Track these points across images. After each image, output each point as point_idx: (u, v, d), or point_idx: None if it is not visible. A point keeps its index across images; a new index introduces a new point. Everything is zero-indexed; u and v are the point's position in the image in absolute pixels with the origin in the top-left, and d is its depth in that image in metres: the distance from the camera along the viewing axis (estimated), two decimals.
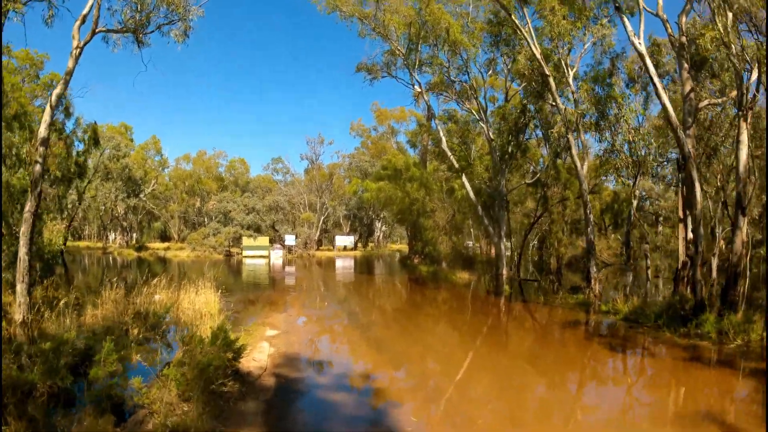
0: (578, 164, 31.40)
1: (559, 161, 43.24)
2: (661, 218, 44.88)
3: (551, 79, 31.57)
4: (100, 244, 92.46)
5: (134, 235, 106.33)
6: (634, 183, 30.12)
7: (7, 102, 35.14)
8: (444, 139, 43.84)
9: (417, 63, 43.12)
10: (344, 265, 65.21)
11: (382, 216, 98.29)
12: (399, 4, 41.76)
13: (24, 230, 17.18)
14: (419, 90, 44.33)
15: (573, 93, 32.68)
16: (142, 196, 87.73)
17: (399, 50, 42.72)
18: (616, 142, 27.31)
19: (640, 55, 23.15)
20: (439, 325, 23.37)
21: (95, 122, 45.39)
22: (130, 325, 16.98)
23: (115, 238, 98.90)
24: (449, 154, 43.67)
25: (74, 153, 41.89)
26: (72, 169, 39.92)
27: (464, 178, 42.76)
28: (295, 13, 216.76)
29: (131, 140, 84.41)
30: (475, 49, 41.03)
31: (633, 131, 26.83)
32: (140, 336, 16.47)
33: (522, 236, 48.53)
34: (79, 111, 57.99)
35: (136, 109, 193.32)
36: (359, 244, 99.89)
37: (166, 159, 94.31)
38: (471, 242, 60.23)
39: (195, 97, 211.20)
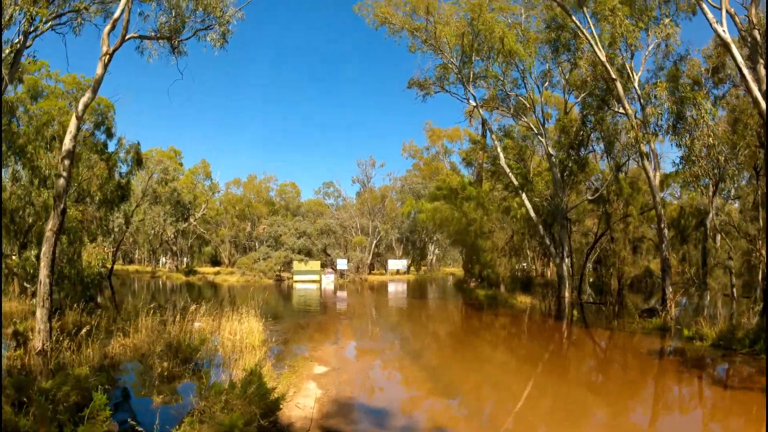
0: (651, 175, 28.82)
1: (620, 176, 40.56)
2: (720, 233, 41.36)
3: (618, 84, 29.12)
4: (149, 268, 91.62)
5: (185, 259, 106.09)
6: (715, 192, 27.05)
7: (50, 123, 34.71)
8: (502, 156, 41.47)
9: (471, 77, 41.01)
10: (397, 289, 62.74)
11: (435, 239, 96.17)
12: (450, 16, 40.04)
13: (45, 251, 15.71)
14: (474, 104, 42.14)
15: (640, 99, 30.18)
16: (192, 220, 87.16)
17: (452, 63, 40.77)
18: (695, 147, 24.34)
19: (725, 45, 20.83)
20: (511, 359, 20.55)
21: (138, 143, 44.68)
22: (160, 357, 15.00)
23: (165, 262, 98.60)
24: (507, 170, 41.25)
25: (116, 175, 40.72)
26: (115, 191, 38.75)
27: (524, 196, 40.33)
28: (342, 34, 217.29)
29: (180, 164, 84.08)
30: (530, 59, 38.75)
31: (712, 134, 23.95)
32: (171, 370, 14.47)
33: (582, 256, 45.82)
34: (127, 136, 56.89)
35: (185, 134, 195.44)
36: (412, 268, 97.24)
37: (216, 183, 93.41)
38: (525, 264, 57.57)
39: (244, 120, 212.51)
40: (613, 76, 29.06)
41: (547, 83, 42.33)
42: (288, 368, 15.96)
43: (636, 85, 30.61)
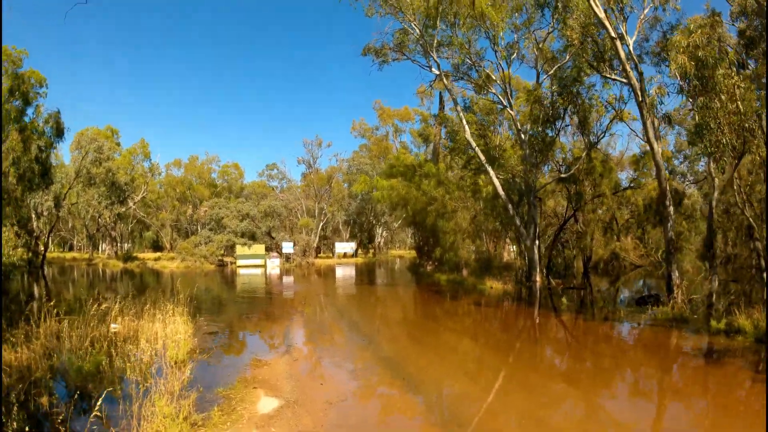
0: (655, 146, 24.69)
1: (592, 153, 37.03)
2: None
3: (618, 43, 24.97)
4: (87, 255, 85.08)
5: (126, 245, 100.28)
6: (738, 163, 22.83)
7: None
8: (467, 129, 37.11)
9: (434, 44, 36.50)
10: (348, 274, 57.97)
11: (383, 221, 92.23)
12: None
13: None
14: (437, 72, 37.55)
15: (637, 65, 26.16)
16: (131, 203, 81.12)
17: (415, 26, 36.15)
18: (716, 108, 20.12)
19: None
20: (517, 368, 15.49)
21: (58, 110, 38.57)
22: (38, 386, 10.29)
23: (105, 248, 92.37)
24: (474, 144, 36.93)
25: (35, 148, 34.96)
26: (32, 167, 33.10)
27: (492, 173, 36.13)
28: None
29: (118, 144, 78.58)
30: (502, 23, 34.52)
31: (739, 90, 19.84)
32: (48, 408, 9.75)
33: (549, 238, 42.24)
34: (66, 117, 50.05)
35: (124, 113, 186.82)
36: (359, 251, 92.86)
37: (156, 164, 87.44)
38: (483, 247, 53.67)
39: (185, 98, 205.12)
40: (613, 35, 24.89)
41: (515, 55, 38.10)
42: (219, 406, 10.73)
43: (632, 49, 26.60)
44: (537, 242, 37.34)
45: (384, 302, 33.28)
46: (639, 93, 24.89)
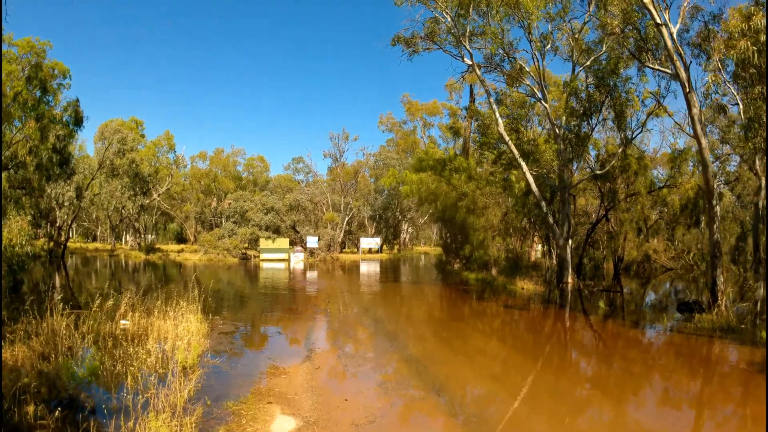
0: (703, 141, 22.89)
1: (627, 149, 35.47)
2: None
3: (664, 30, 23.26)
4: (109, 246, 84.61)
5: (150, 236, 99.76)
6: None
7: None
8: (501, 122, 35.47)
9: (467, 32, 34.96)
10: (373, 270, 56.54)
11: (409, 217, 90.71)
12: None
13: None
14: (469, 63, 35.97)
15: (682, 55, 24.43)
16: (155, 195, 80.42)
17: (446, 14, 34.61)
18: None
19: None
20: (573, 384, 13.78)
21: (77, 99, 37.49)
22: (26, 393, 9.10)
23: (128, 240, 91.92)
24: (507, 138, 35.33)
25: (53, 137, 33.96)
26: (51, 156, 32.09)
27: (525, 168, 34.51)
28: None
29: (143, 136, 78.00)
30: (537, 12, 32.92)
31: None
32: (33, 420, 8.52)
33: (579, 237, 40.45)
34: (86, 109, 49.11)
35: (150, 105, 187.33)
36: (384, 247, 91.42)
37: (181, 156, 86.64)
38: (510, 245, 51.89)
39: (212, 92, 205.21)
40: (658, 21, 23.20)
41: (549, 46, 36.46)
42: (227, 425, 9.18)
43: (676, 36, 24.87)
44: (569, 242, 35.75)
45: (411, 302, 31.72)
46: (686, 84, 23.16)
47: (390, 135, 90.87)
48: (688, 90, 23.12)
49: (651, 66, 27.72)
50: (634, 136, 35.13)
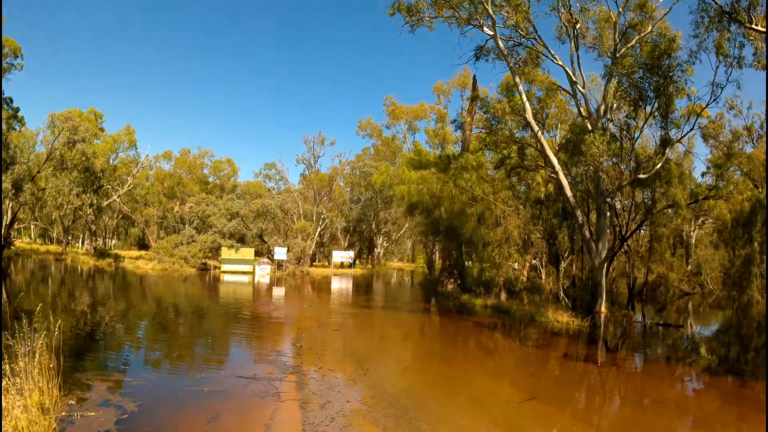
0: None
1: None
2: None
3: None
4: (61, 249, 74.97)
5: (112, 241, 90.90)
6: None
7: None
8: (528, 107, 27.10)
9: None
10: (349, 288, 47.50)
11: (384, 230, 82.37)
12: None
13: None
14: (491, 33, 27.64)
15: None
16: (115, 196, 70.90)
17: None
18: None
19: None
20: None
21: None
22: None
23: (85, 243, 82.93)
24: (536, 128, 27.08)
25: None
26: None
27: (558, 168, 26.31)
28: None
29: (102, 129, 69.22)
30: None
31: None
32: None
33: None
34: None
35: (111, 100, 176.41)
36: (357, 261, 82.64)
37: (147, 157, 78.10)
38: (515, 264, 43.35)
39: (178, 91, 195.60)
40: None
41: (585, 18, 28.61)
42: None
43: None
44: (605, 261, 27.70)
45: (413, 336, 22.39)
46: None
47: (370, 141, 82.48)
48: None
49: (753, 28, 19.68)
50: (683, 135, 27.39)
